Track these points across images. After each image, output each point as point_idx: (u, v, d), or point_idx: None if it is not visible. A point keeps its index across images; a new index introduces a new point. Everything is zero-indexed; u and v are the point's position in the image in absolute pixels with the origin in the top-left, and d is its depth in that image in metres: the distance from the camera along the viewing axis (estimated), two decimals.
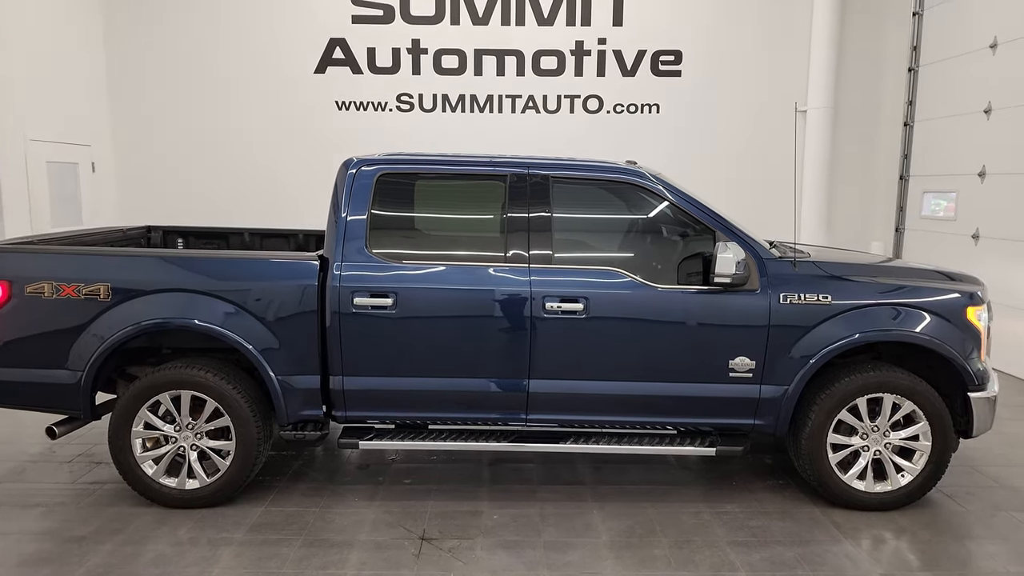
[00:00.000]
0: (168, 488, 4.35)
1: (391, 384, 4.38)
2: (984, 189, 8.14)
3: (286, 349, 4.30)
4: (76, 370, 4.26)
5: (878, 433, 4.43)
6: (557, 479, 4.97)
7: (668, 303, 4.33)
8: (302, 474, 4.99)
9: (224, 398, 4.27)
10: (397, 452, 5.38)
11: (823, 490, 4.51)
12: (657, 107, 10.01)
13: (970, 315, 4.44)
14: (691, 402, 4.42)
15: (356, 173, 4.46)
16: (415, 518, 4.33)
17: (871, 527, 4.31)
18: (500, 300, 4.30)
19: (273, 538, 4.06)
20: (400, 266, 4.33)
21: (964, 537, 4.23)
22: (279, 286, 4.30)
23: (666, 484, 4.91)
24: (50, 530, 4.14)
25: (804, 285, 4.34)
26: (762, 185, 9.82)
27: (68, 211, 8.98)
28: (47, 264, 4.29)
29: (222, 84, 9.91)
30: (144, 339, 4.45)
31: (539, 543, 4.06)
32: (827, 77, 9.64)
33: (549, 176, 4.47)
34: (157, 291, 4.26)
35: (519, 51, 9.85)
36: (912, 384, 4.36)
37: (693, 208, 4.45)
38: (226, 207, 9.76)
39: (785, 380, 4.36)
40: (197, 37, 9.83)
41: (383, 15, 9.78)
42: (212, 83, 9.92)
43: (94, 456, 5.22)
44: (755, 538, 4.16)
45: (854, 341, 4.32)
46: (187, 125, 9.98)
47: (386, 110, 10.00)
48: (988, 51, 8.07)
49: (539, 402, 4.41)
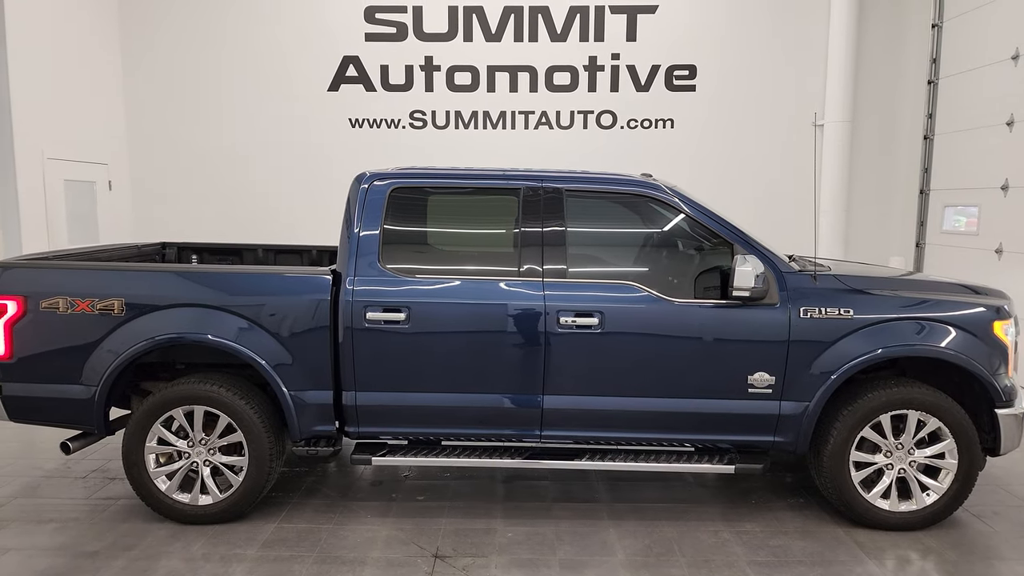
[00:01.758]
0: (181, 504, 4.33)
1: (404, 399, 4.34)
2: (1007, 203, 8.02)
3: (299, 364, 4.28)
4: (90, 385, 4.26)
5: (903, 451, 4.32)
6: (572, 496, 4.90)
7: (685, 317, 4.26)
8: (314, 490, 4.95)
9: (237, 413, 4.25)
10: (410, 468, 5.33)
11: (846, 509, 4.40)
12: (671, 122, 9.98)
13: (997, 329, 4.34)
14: (709, 419, 4.34)
15: (368, 188, 4.45)
16: (428, 535, 4.27)
17: (896, 547, 4.20)
18: (514, 315, 4.25)
19: (286, 555, 4.02)
20: (413, 281, 4.30)
21: (992, 558, 4.11)
22: (292, 301, 4.28)
23: (684, 502, 4.82)
24: (63, 545, 4.13)
25: (825, 299, 4.27)
26: (779, 200, 9.74)
27: (85, 229, 9.06)
28: (62, 279, 4.31)
29: (237, 102, 10.01)
30: (158, 354, 4.47)
31: (554, 561, 3.98)
32: (845, 91, 9.57)
33: (563, 189, 4.43)
34: (171, 306, 4.26)
35: (532, 67, 9.87)
36: (937, 400, 4.26)
37: (710, 221, 4.39)
38: (241, 224, 9.81)
39: (806, 396, 4.27)
40: (212, 57, 9.95)
41: (396, 32, 9.85)
42: (227, 101, 10.01)
43: (108, 472, 5.22)
44: (776, 558, 4.06)
45: (876, 356, 4.23)
46: (203, 143, 10.07)
47: (399, 127, 10.04)
48: (1010, 63, 7.97)
49: (554, 418, 4.35)
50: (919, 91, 9.79)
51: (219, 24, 9.89)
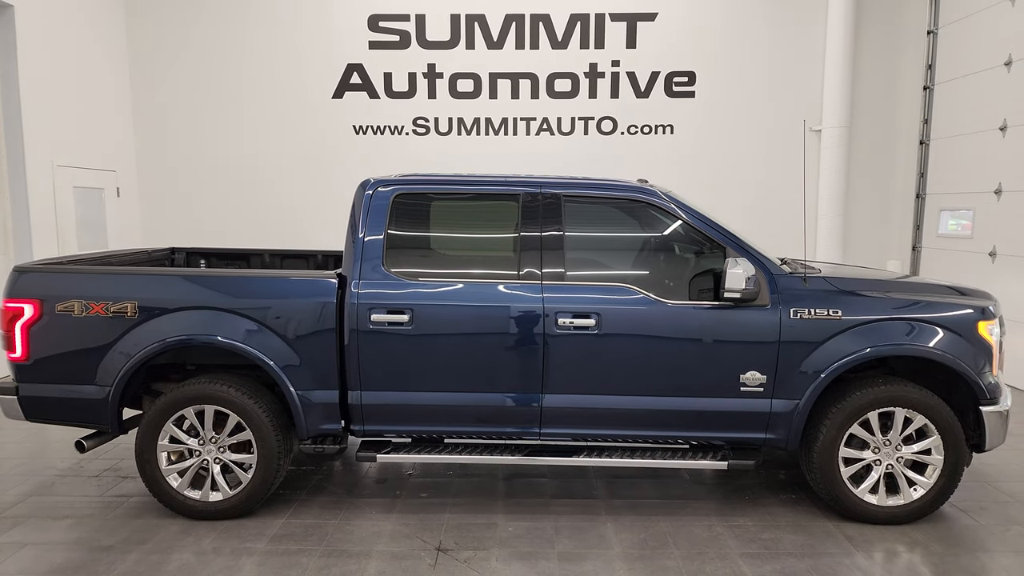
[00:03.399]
0: (192, 500, 4.47)
1: (408, 399, 4.48)
2: (1001, 207, 8.14)
3: (306, 365, 4.42)
4: (104, 385, 4.40)
5: (890, 447, 4.45)
6: (571, 492, 5.03)
7: (679, 318, 4.39)
8: (321, 487, 5.09)
9: (246, 413, 4.39)
10: (414, 466, 5.47)
11: (835, 504, 4.53)
12: (671, 128, 10.11)
13: (982, 329, 4.46)
14: (703, 416, 4.47)
15: (373, 194, 4.59)
16: (432, 530, 4.41)
17: (884, 540, 4.32)
18: (514, 316, 4.39)
19: (294, 548, 4.16)
20: (416, 284, 4.45)
21: (977, 550, 4.23)
22: (299, 304, 4.42)
23: (679, 498, 4.95)
24: (79, 540, 4.26)
25: (814, 300, 4.40)
26: (778, 205, 9.86)
27: (94, 235, 9.21)
28: (76, 283, 4.44)
29: (244, 110, 10.17)
30: (169, 355, 4.59)
31: (553, 554, 4.12)
32: (842, 97, 9.71)
33: (561, 195, 4.57)
34: (182, 309, 4.40)
35: (533, 74, 10.02)
36: (924, 398, 4.38)
37: (703, 225, 4.53)
38: (247, 230, 9.97)
39: (796, 394, 4.40)
40: (218, 65, 10.11)
41: (399, 40, 10.01)
42: (233, 109, 10.17)
43: (121, 470, 5.36)
44: (767, 550, 4.19)
45: (865, 355, 4.35)
46: (210, 151, 10.23)
47: (403, 134, 10.19)
48: (1003, 69, 8.11)
49: (552, 416, 4.48)
50: (915, 97, 9.92)
51: (224, 33, 10.06)
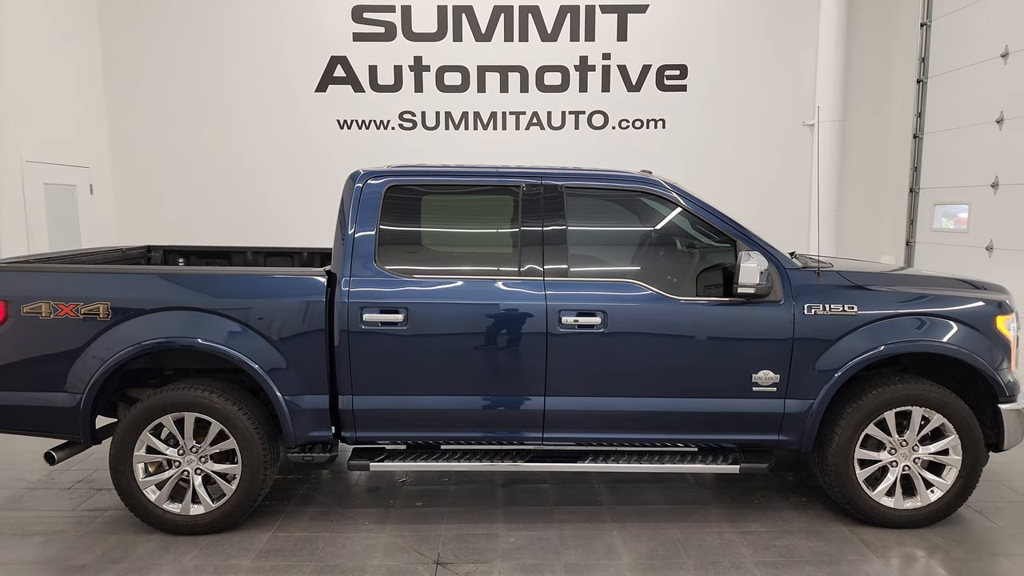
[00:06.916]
0: (172, 514, 4.19)
1: (402, 403, 4.23)
2: (997, 200, 8.05)
3: (293, 368, 4.16)
4: (75, 393, 4.12)
5: (907, 448, 4.28)
6: (574, 499, 4.81)
7: (689, 316, 4.19)
8: (310, 498, 4.83)
9: (229, 420, 4.12)
10: (408, 474, 5.22)
11: (850, 507, 4.35)
12: (663, 122, 9.96)
13: (999, 324, 4.31)
14: (713, 418, 4.27)
15: (363, 187, 4.34)
16: (429, 542, 4.17)
17: (901, 545, 4.15)
18: (514, 315, 4.16)
19: (282, 564, 3.90)
20: (410, 281, 4.20)
21: (999, 554, 4.08)
22: (285, 303, 4.17)
23: (687, 503, 4.75)
24: (49, 559, 3.99)
25: (829, 295, 4.21)
26: (771, 199, 9.76)
27: (66, 233, 8.88)
28: (44, 283, 4.17)
29: (222, 104, 9.87)
30: (145, 360, 4.34)
31: (559, 566, 3.89)
32: (835, 90, 9.60)
33: (562, 187, 4.35)
34: (159, 309, 4.13)
35: (523, 67, 9.82)
36: (941, 396, 4.22)
37: (712, 217, 4.32)
38: (227, 228, 9.67)
39: (810, 394, 4.21)
40: (195, 58, 9.80)
41: (384, 32, 9.76)
42: (211, 103, 9.87)
43: (95, 482, 5.07)
44: (783, 558, 4.00)
45: (880, 353, 4.18)
46: (186, 146, 9.92)
47: (388, 128, 9.96)
48: (999, 60, 8.01)
49: (556, 420, 4.26)
50: (908, 90, 9.84)
51: (202, 24, 9.75)
